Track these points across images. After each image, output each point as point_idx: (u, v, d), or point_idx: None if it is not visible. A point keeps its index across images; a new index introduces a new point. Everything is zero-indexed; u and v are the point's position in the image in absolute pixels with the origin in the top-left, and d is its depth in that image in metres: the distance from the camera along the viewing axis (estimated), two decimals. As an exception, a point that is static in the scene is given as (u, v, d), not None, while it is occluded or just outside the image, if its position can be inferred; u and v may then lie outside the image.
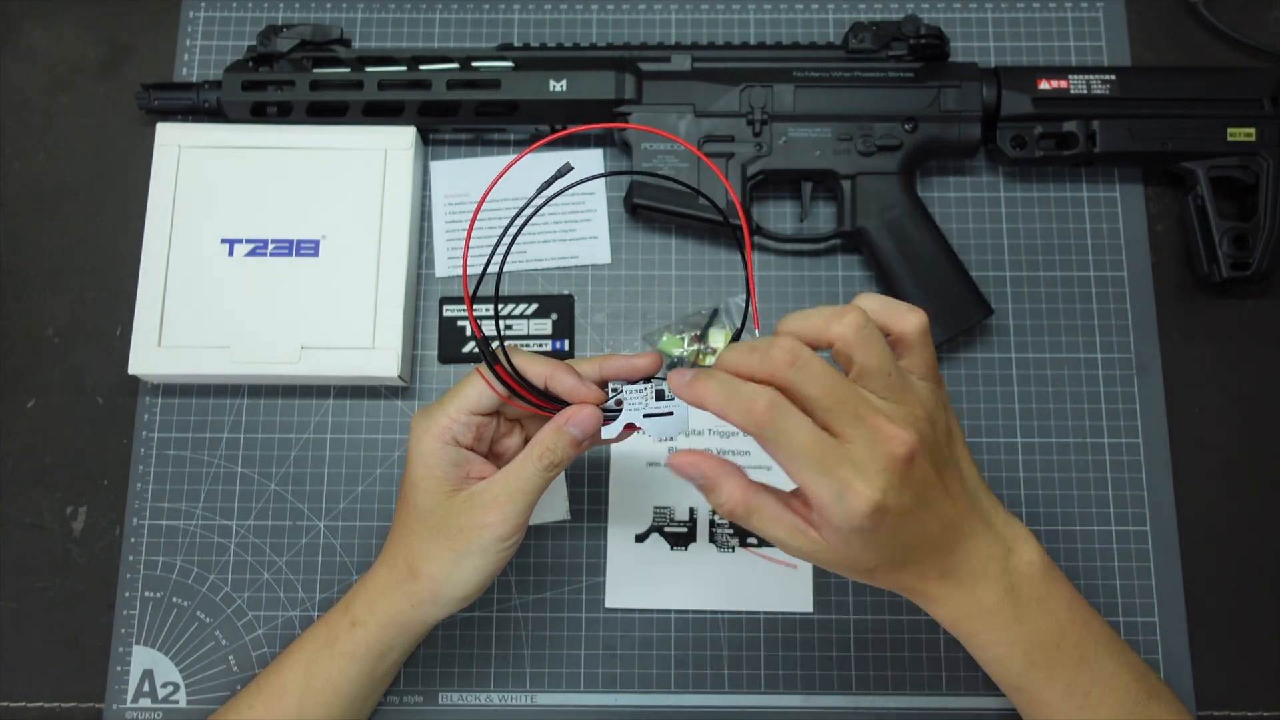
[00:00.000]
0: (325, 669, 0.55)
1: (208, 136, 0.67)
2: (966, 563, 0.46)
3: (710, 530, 0.63)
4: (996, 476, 0.65)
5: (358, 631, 0.54)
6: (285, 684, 0.55)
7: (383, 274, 0.65)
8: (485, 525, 0.50)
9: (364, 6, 0.74)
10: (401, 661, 0.58)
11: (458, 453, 0.52)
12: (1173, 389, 0.67)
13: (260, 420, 0.66)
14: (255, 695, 0.56)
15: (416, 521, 0.52)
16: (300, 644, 0.56)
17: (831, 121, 0.66)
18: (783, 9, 0.73)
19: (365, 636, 0.54)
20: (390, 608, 0.53)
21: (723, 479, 0.45)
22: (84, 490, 0.66)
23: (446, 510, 0.51)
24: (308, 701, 0.54)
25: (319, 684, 0.55)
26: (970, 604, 0.47)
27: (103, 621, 0.64)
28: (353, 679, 0.55)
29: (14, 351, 0.68)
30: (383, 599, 0.54)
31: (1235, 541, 0.65)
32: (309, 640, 0.56)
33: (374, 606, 0.54)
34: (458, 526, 0.51)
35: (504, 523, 0.50)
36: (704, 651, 0.63)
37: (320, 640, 0.55)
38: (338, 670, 0.55)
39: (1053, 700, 0.49)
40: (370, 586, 0.55)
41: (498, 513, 0.50)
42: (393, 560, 0.53)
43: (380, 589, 0.54)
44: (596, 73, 0.66)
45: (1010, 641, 0.48)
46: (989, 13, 0.73)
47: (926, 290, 0.64)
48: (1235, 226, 0.65)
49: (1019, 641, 0.48)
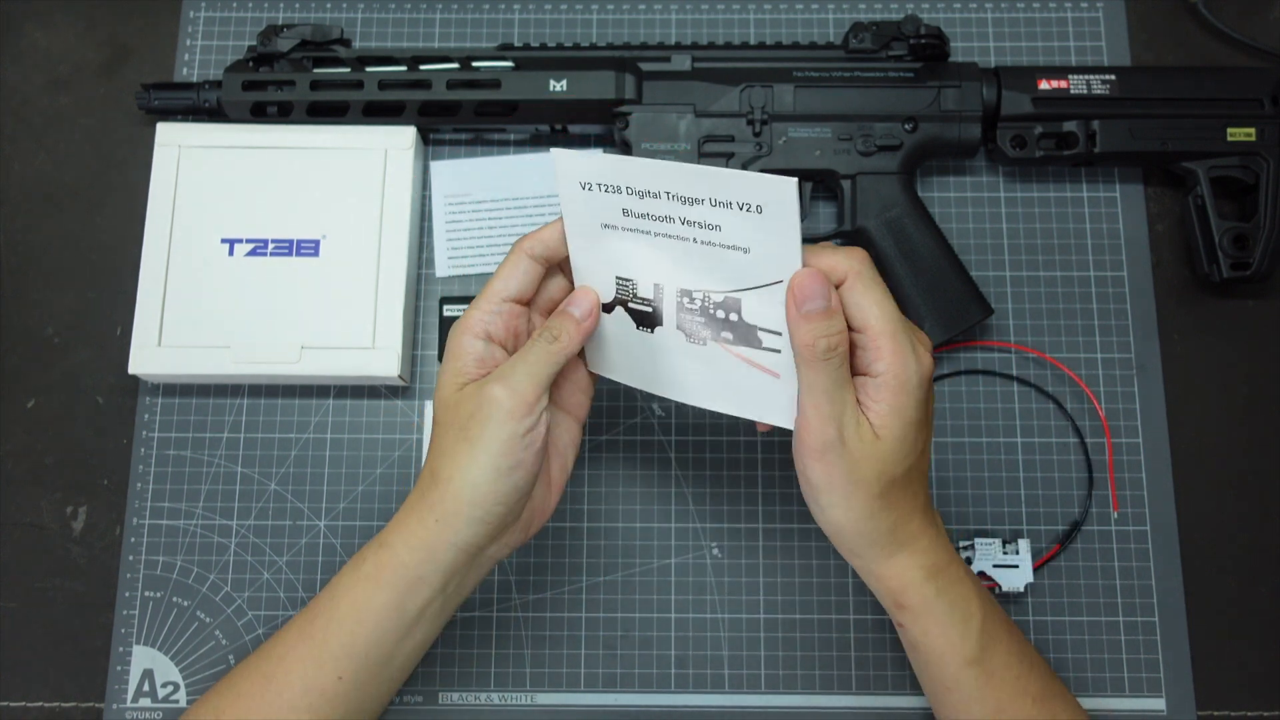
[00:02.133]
0: (350, 594, 0.52)
1: (208, 136, 0.67)
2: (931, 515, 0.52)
3: (678, 316, 0.52)
4: (996, 477, 0.65)
5: (383, 553, 0.51)
6: (318, 607, 0.53)
7: (383, 274, 0.65)
8: (492, 400, 0.49)
9: (364, 6, 0.74)
10: (430, 611, 0.52)
11: (486, 347, 0.51)
12: (1173, 389, 0.67)
13: (260, 420, 0.66)
14: (296, 618, 0.54)
15: (439, 424, 0.51)
16: (338, 573, 0.54)
17: (831, 121, 0.66)
18: (783, 9, 0.73)
19: (390, 559, 0.51)
20: (416, 524, 0.51)
21: (839, 315, 0.47)
22: (84, 490, 0.66)
23: (460, 399, 0.50)
24: (332, 628, 0.52)
25: (344, 608, 0.52)
26: (945, 552, 0.51)
27: (103, 621, 0.64)
28: (378, 609, 0.51)
29: (14, 351, 0.68)
30: (410, 518, 0.51)
31: (1235, 541, 0.65)
32: (344, 568, 0.54)
33: (402, 527, 0.51)
34: (469, 412, 0.49)
35: (510, 396, 0.48)
36: (704, 651, 0.63)
37: (350, 565, 0.53)
38: (363, 596, 0.51)
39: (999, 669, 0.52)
40: (400, 511, 0.52)
41: (503, 386, 0.49)
42: (419, 478, 0.52)
43: (408, 507, 0.52)
44: (596, 73, 0.67)
45: (972, 605, 0.52)
46: (989, 13, 0.73)
47: (926, 290, 0.64)
48: (1235, 226, 0.66)
49: (980, 600, 0.52)
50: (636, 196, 0.48)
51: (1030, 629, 0.63)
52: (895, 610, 0.51)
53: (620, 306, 0.53)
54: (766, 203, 0.45)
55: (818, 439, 0.47)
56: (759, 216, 0.46)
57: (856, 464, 0.47)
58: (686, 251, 0.49)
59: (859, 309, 0.47)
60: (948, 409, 0.66)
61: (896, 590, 0.50)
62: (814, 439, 0.47)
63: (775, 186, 0.44)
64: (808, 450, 0.47)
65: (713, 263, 0.49)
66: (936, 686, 0.53)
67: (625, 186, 0.48)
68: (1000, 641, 0.51)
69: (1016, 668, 0.52)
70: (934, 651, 0.51)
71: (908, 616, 0.51)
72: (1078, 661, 0.62)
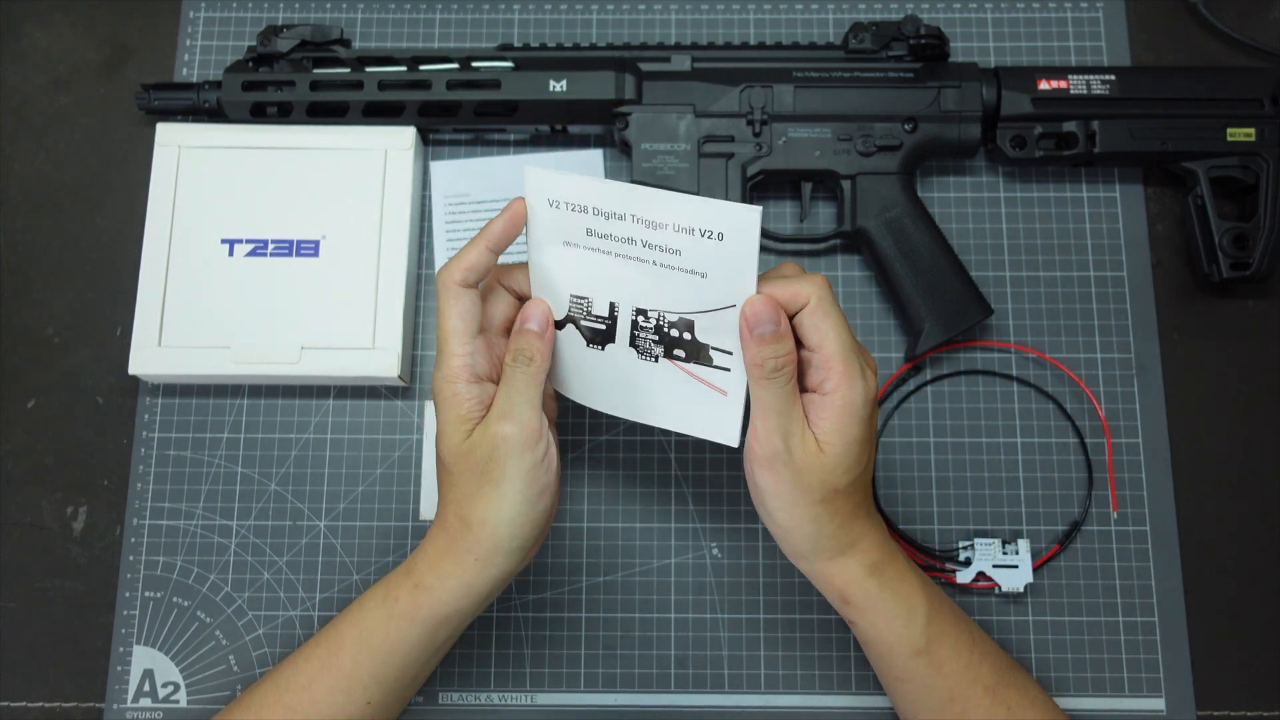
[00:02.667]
0: (383, 629, 0.53)
1: (208, 136, 0.67)
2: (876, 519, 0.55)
3: (631, 334, 0.53)
4: (996, 477, 0.65)
5: (420, 595, 0.53)
6: (343, 639, 0.54)
7: (383, 274, 0.65)
8: (505, 439, 0.50)
9: (364, 6, 0.74)
10: (459, 633, 0.56)
11: (480, 389, 0.52)
12: (1173, 389, 0.67)
13: (260, 420, 0.66)
14: (314, 648, 0.55)
15: (453, 473, 0.52)
16: (360, 603, 0.55)
17: (831, 121, 0.66)
18: (783, 9, 0.73)
19: (428, 599, 0.53)
20: (453, 565, 0.52)
21: (789, 338, 0.49)
22: (84, 490, 0.66)
23: (470, 446, 0.51)
24: (363, 659, 0.53)
25: (376, 643, 0.54)
26: (886, 550, 0.54)
27: (103, 621, 0.64)
28: (412, 642, 0.54)
29: (14, 351, 0.68)
30: (446, 561, 0.52)
31: (1235, 541, 0.65)
32: (369, 599, 0.55)
33: (438, 570, 0.53)
34: (483, 455, 0.50)
35: (520, 430, 0.50)
36: (704, 651, 0.63)
37: (379, 599, 0.54)
38: (396, 631, 0.53)
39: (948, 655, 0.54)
40: (430, 552, 0.53)
41: (511, 423, 0.50)
42: (443, 521, 0.53)
43: (441, 551, 0.53)
44: (596, 73, 0.66)
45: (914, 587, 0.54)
46: (989, 13, 0.73)
47: (926, 290, 0.64)
48: (1235, 226, 0.65)
49: (926, 593, 0.54)
50: (602, 217, 0.50)
51: (1030, 629, 0.63)
52: (842, 607, 0.54)
53: (571, 324, 0.54)
54: (729, 230, 0.47)
55: (766, 449, 0.50)
56: (719, 243, 0.48)
57: (800, 474, 0.50)
58: (645, 273, 0.51)
59: (816, 331, 0.50)
60: (948, 409, 0.66)
61: (841, 587, 0.53)
62: (762, 449, 0.50)
63: (739, 215, 0.47)
64: (756, 459, 0.50)
65: (670, 285, 0.50)
66: (890, 679, 0.56)
67: (592, 207, 0.50)
68: (947, 633, 0.54)
69: (966, 657, 0.54)
70: (883, 644, 0.54)
71: (854, 612, 0.53)
72: (1077, 661, 0.62)
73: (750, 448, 0.51)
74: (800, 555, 0.53)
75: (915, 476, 0.65)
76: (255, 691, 0.55)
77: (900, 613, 0.53)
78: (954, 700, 0.54)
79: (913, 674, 0.54)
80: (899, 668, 0.54)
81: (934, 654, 0.53)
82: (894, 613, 0.53)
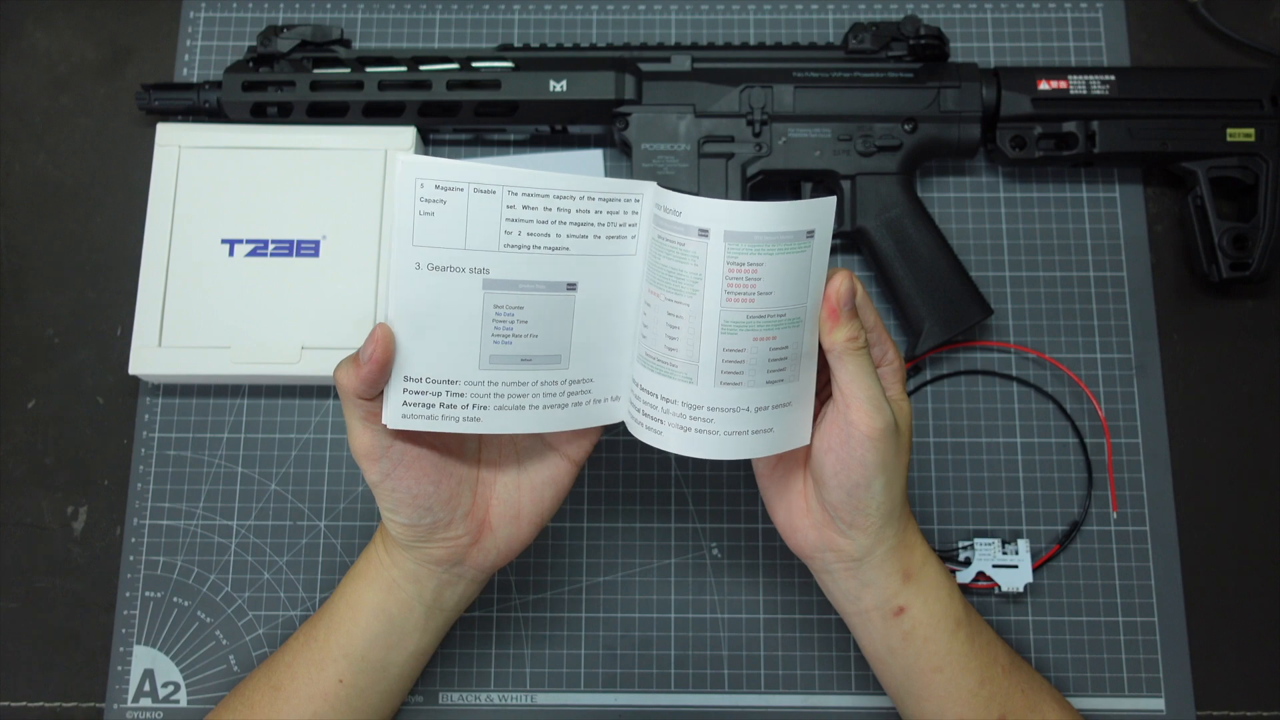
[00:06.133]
0: (344, 589, 0.54)
1: (208, 136, 0.67)
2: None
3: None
4: (996, 477, 0.65)
5: (370, 550, 0.54)
6: (321, 609, 0.55)
7: (383, 274, 0.65)
8: (352, 451, 0.49)
9: (364, 6, 0.74)
10: (421, 622, 0.54)
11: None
12: (1172, 389, 0.67)
13: (260, 420, 0.66)
14: (303, 626, 0.56)
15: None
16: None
17: (831, 122, 0.66)
18: (783, 9, 0.73)
19: (373, 555, 0.53)
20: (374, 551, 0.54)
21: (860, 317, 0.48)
22: (84, 490, 0.66)
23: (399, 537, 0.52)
24: (333, 627, 0.54)
25: (340, 604, 0.54)
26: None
27: (103, 621, 0.64)
28: (369, 606, 0.53)
29: (14, 351, 0.68)
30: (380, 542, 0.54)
31: (1235, 541, 0.65)
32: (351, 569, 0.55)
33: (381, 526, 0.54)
34: (415, 535, 0.51)
35: (374, 466, 0.49)
36: (704, 651, 0.63)
37: (354, 568, 0.55)
38: (353, 590, 0.54)
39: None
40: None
41: (370, 465, 0.49)
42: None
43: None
44: (596, 73, 0.67)
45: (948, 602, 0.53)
46: (989, 13, 0.73)
47: (926, 290, 0.64)
48: (1235, 226, 0.66)
49: (957, 594, 0.53)
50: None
51: (1030, 629, 0.63)
52: (900, 589, 0.51)
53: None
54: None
55: (879, 421, 0.47)
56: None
57: (903, 434, 0.50)
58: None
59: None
60: (947, 409, 0.66)
61: (909, 563, 0.51)
62: (874, 423, 0.47)
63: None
64: (871, 435, 0.47)
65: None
66: (925, 673, 0.52)
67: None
68: (969, 604, 0.54)
69: (987, 632, 0.54)
70: (931, 621, 0.51)
71: (912, 590, 0.51)
72: (1077, 661, 0.63)
73: (855, 427, 0.47)
74: (892, 529, 0.50)
75: (915, 476, 0.65)
76: (251, 674, 0.56)
77: (945, 579, 0.52)
78: (983, 683, 0.52)
79: (952, 656, 0.52)
80: (939, 653, 0.52)
81: (970, 624, 0.53)
82: (941, 579, 0.52)
